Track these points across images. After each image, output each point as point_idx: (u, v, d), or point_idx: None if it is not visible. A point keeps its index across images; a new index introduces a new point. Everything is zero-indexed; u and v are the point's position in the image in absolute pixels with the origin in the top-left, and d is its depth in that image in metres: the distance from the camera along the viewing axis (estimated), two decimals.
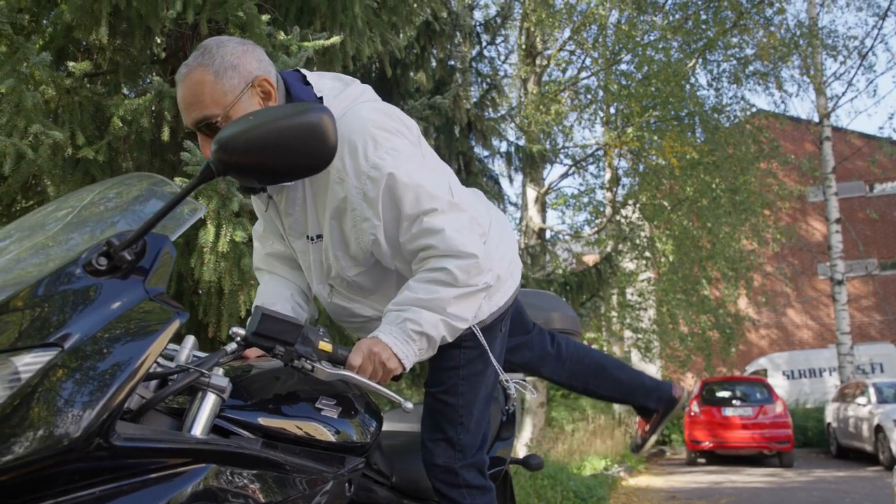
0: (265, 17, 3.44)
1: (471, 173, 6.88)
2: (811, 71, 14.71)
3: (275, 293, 1.86)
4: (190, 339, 1.35)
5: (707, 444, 11.92)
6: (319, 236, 1.67)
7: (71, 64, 3.26)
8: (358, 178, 1.53)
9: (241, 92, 1.50)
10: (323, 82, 1.63)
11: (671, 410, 2.49)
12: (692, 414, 12.26)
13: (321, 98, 1.58)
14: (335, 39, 3.50)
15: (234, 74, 1.49)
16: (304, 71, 1.66)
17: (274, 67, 1.59)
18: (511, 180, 9.77)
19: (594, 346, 14.30)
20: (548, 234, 12.45)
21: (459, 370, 1.79)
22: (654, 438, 2.53)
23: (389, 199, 1.55)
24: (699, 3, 11.79)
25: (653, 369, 20.10)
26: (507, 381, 2.47)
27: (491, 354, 1.83)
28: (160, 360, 1.29)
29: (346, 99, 1.59)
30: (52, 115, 3.41)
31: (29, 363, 1.02)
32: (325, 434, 1.46)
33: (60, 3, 3.45)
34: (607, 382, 2.41)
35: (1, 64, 3.14)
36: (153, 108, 3.36)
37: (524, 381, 2.63)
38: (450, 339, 1.65)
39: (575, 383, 2.39)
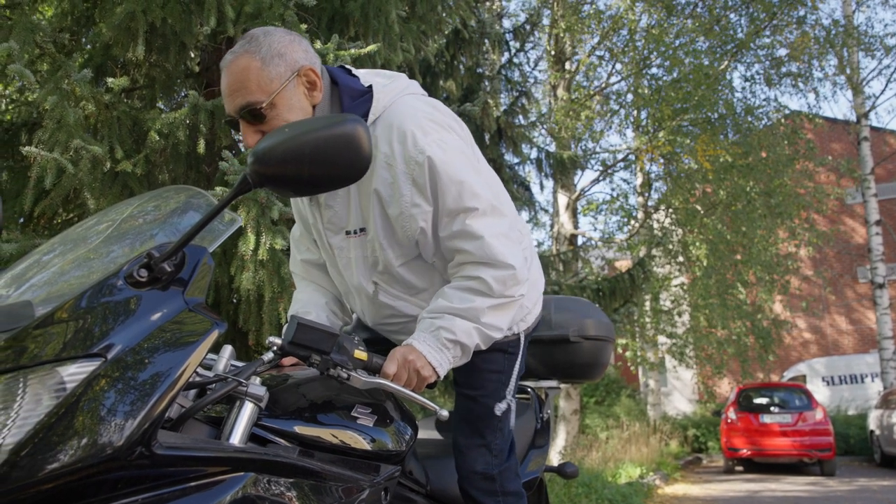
0: (303, 27, 3.49)
1: (501, 180, 6.86)
2: (847, 70, 14.43)
3: (310, 301, 1.87)
4: (227, 349, 1.37)
5: (745, 452, 11.68)
6: (362, 230, 1.65)
7: (109, 80, 3.34)
8: (406, 163, 1.52)
9: (287, 80, 1.49)
10: (369, 76, 1.64)
11: None
12: (729, 421, 12.04)
13: (370, 87, 1.58)
14: (372, 48, 3.52)
15: (280, 62, 1.48)
16: (348, 66, 1.67)
17: (319, 59, 1.59)
18: (542, 187, 9.70)
19: (628, 353, 14.15)
20: (580, 240, 12.37)
21: (502, 374, 1.79)
22: None
23: (433, 188, 1.54)
24: (729, 2, 11.64)
25: (688, 375, 19.83)
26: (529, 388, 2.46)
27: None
28: (199, 369, 1.31)
29: (395, 89, 1.60)
30: (92, 130, 3.49)
31: (74, 373, 1.04)
32: (360, 442, 1.47)
33: (99, 21, 3.54)
34: None
35: (44, 81, 3.23)
36: (188, 122, 3.43)
37: (558, 387, 2.62)
38: (483, 347, 1.65)
39: None
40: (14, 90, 4.32)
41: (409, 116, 1.53)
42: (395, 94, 1.59)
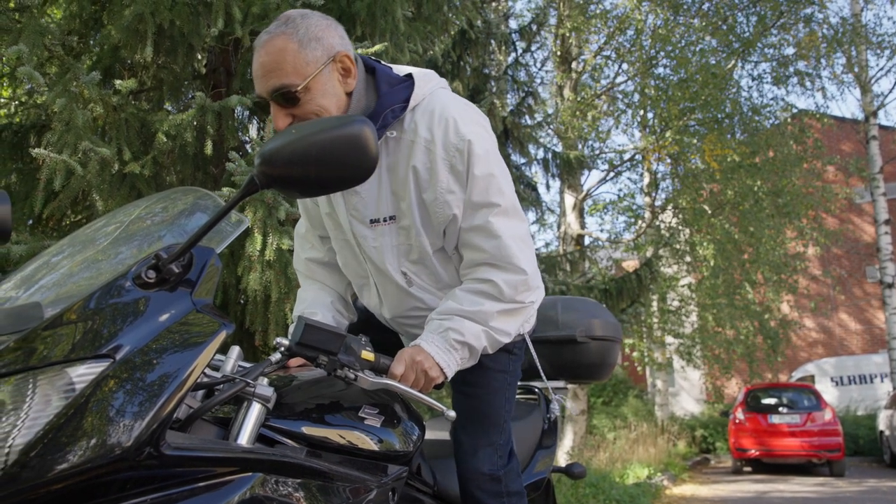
0: None
1: None
2: (856, 68, 14.35)
3: (315, 300, 1.86)
4: (235, 350, 1.37)
5: (753, 453, 11.64)
6: (392, 217, 1.63)
7: (118, 82, 3.35)
8: (446, 149, 1.54)
9: (323, 65, 1.48)
10: (402, 68, 1.65)
11: None
12: (737, 421, 11.99)
13: (409, 75, 1.59)
14: (379, 47, 3.52)
15: (317, 46, 1.47)
16: (376, 59, 1.68)
17: (353, 47, 1.58)
18: (548, 187, 9.69)
19: (635, 353, 14.10)
20: (586, 241, 12.34)
21: (507, 375, 1.79)
22: None
23: (467, 175, 1.56)
24: (736, 1, 11.60)
25: (696, 375, 19.77)
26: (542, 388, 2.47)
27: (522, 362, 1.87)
28: (207, 370, 1.31)
29: (432, 80, 1.63)
30: (100, 132, 3.51)
31: (83, 374, 1.04)
32: (368, 443, 1.47)
33: (107, 24, 3.56)
34: None
35: (53, 84, 3.24)
36: (196, 123, 3.44)
37: (565, 388, 2.61)
38: (491, 351, 1.65)
39: None
40: (23, 93, 4.34)
41: (450, 106, 1.56)
42: (433, 86, 1.61)
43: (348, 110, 1.54)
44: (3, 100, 4.59)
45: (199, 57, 4.12)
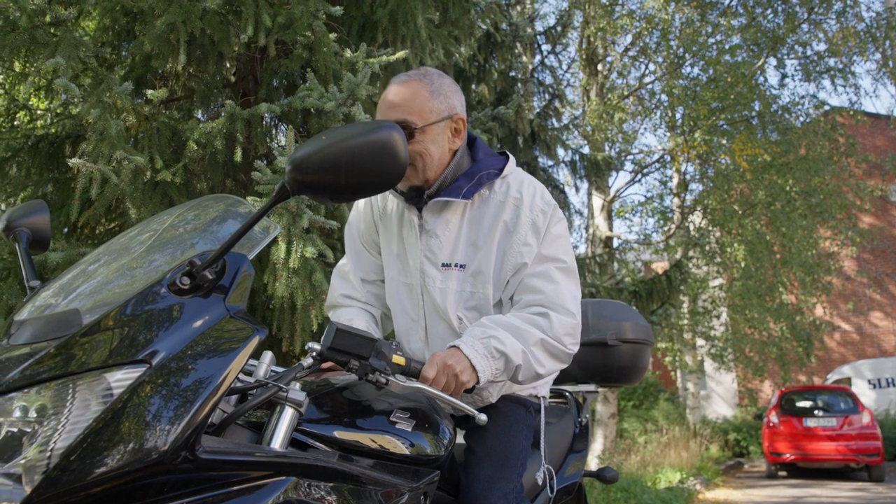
0: (332, 36, 3.52)
1: None
2: (890, 64, 14.04)
3: (351, 315, 1.91)
4: (268, 355, 1.38)
5: (788, 457, 11.41)
6: (462, 265, 1.76)
7: (149, 92, 3.41)
8: (532, 209, 1.76)
9: (442, 119, 1.73)
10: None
11: None
12: (771, 425, 11.77)
13: (504, 151, 1.87)
14: (401, 55, 3.55)
15: (444, 101, 1.73)
16: None
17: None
18: (577, 189, 9.63)
19: (667, 357, 13.90)
20: (615, 242, 12.23)
21: (525, 426, 1.85)
22: None
23: (545, 233, 1.75)
24: (766, 0, 11.43)
25: (728, 378, 19.47)
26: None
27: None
28: (240, 375, 1.32)
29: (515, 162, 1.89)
30: (133, 141, 3.57)
31: (120, 379, 1.07)
32: (399, 447, 1.47)
33: (140, 34, 3.62)
34: None
35: (87, 95, 3.31)
36: (225, 131, 3.48)
37: (596, 391, 2.60)
38: (521, 378, 1.66)
39: None
40: (58, 104, 4.44)
41: (535, 180, 1.84)
42: (517, 165, 1.87)
43: (448, 165, 1.78)
44: (39, 111, 4.69)
45: (228, 65, 4.17)
